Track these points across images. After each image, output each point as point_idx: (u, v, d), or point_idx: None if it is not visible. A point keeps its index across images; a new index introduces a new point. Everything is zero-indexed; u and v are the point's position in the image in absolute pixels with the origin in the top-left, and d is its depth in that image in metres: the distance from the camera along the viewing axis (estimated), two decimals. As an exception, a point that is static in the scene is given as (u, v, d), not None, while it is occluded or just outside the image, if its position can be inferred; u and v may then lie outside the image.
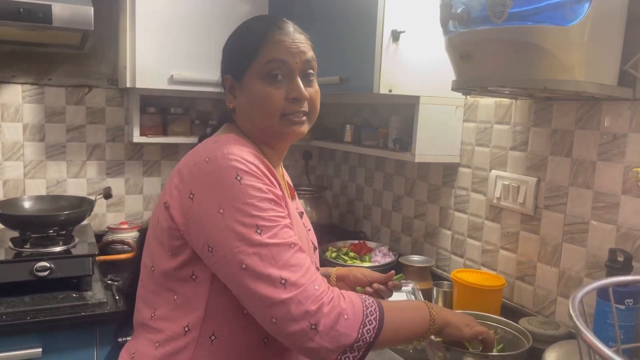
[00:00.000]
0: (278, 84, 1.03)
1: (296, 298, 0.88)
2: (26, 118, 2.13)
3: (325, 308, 0.89)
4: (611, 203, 1.35)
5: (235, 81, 1.06)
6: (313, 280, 0.91)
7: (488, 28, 1.17)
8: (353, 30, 1.75)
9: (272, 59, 1.02)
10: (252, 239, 0.90)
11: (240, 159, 0.94)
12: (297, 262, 0.92)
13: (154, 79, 1.98)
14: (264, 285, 0.89)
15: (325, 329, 0.88)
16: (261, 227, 0.91)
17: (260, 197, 0.93)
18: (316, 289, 0.90)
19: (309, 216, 2.31)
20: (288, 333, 0.89)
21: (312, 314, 0.88)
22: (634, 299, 1.24)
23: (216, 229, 0.92)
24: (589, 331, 0.60)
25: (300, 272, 0.91)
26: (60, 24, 1.63)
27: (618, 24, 1.21)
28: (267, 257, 0.90)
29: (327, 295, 0.91)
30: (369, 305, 0.95)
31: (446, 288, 1.69)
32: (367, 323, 0.92)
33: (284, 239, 0.92)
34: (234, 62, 1.07)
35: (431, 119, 1.74)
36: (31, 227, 1.81)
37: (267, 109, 1.03)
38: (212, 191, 0.93)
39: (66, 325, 1.57)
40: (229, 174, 0.93)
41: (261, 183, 0.94)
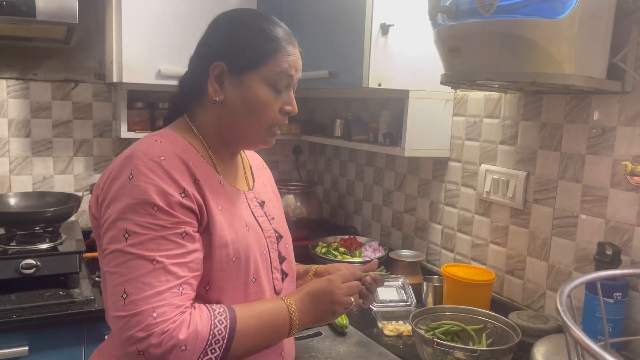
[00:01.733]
0: (279, 95, 1.03)
1: (127, 319, 0.85)
2: (11, 113, 2.10)
3: (154, 339, 0.84)
4: (600, 196, 1.36)
5: (231, 73, 1.01)
6: (155, 307, 0.85)
7: (477, 21, 1.16)
8: (342, 23, 1.73)
9: (283, 71, 1.02)
10: (117, 243, 0.88)
11: (142, 156, 0.92)
12: (150, 281, 0.86)
13: (141, 74, 1.95)
14: (111, 294, 0.88)
15: (154, 357, 0.84)
16: (129, 232, 0.88)
17: (141, 200, 0.88)
18: (153, 316, 0.85)
19: (299, 211, 2.31)
20: (121, 350, 0.88)
21: (140, 341, 0.84)
22: (622, 293, 1.24)
23: (102, 226, 0.93)
24: (575, 326, 0.60)
25: (146, 292, 0.85)
26: (44, 18, 1.61)
27: (607, 17, 1.21)
28: (122, 265, 0.87)
29: (162, 325, 0.85)
30: (216, 333, 0.90)
31: (436, 282, 1.69)
32: (210, 352, 0.88)
33: (148, 251, 0.87)
34: (237, 55, 1.01)
35: (421, 113, 1.73)
36: (17, 224, 1.79)
37: (261, 115, 1.02)
38: (110, 188, 0.93)
39: (53, 323, 1.56)
40: (124, 172, 0.91)
41: (151, 184, 0.89)
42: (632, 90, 1.27)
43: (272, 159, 2.66)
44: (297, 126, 2.43)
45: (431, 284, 1.69)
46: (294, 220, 2.27)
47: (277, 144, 2.64)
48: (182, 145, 0.99)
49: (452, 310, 1.42)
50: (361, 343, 1.45)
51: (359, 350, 1.41)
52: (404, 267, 1.85)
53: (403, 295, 1.66)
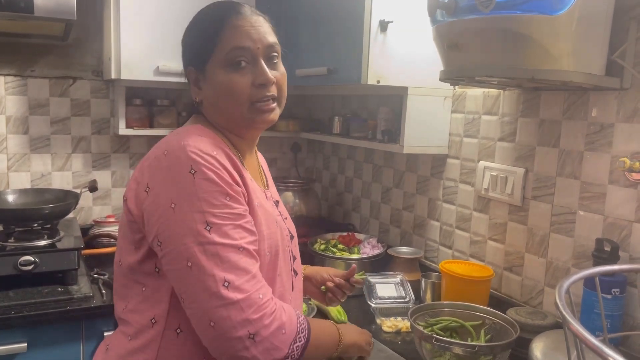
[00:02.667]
0: (242, 71, 0.99)
1: (238, 304, 0.86)
2: (9, 110, 2.09)
3: (267, 319, 0.87)
4: (598, 193, 1.36)
5: (199, 72, 1.03)
6: (258, 288, 0.89)
7: (476, 17, 1.16)
8: (340, 20, 1.73)
9: (233, 47, 0.99)
10: (200, 236, 0.88)
11: (197, 150, 0.91)
12: (244, 266, 0.89)
13: (139, 71, 1.95)
14: (205, 286, 0.86)
15: (262, 339, 0.86)
16: (211, 224, 0.88)
17: (214, 192, 0.90)
18: (260, 297, 0.88)
19: (298, 209, 2.31)
20: (225, 338, 0.86)
21: (253, 323, 0.86)
22: (620, 289, 1.24)
23: (166, 223, 0.90)
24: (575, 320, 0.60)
25: (245, 277, 0.88)
26: (42, 14, 1.60)
27: (605, 13, 1.21)
28: (214, 256, 0.87)
29: (270, 306, 0.89)
30: (302, 322, 0.96)
31: (434, 279, 1.69)
32: (298, 340, 0.92)
33: (233, 240, 0.89)
34: (194, 53, 1.03)
35: (419, 110, 1.73)
36: (15, 220, 1.78)
37: (234, 98, 1.00)
38: (166, 185, 0.91)
39: (52, 320, 1.56)
40: (183, 168, 0.90)
41: (217, 177, 0.91)
42: (630, 86, 1.27)
43: (270, 156, 2.66)
44: (296, 123, 2.43)
45: (430, 280, 1.69)
46: (293, 218, 2.26)
47: (275, 141, 2.65)
48: (218, 141, 0.99)
49: (451, 306, 1.42)
50: (360, 339, 1.45)
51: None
52: (403, 264, 1.85)
53: (401, 292, 1.67)
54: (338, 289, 1.26)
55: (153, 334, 0.98)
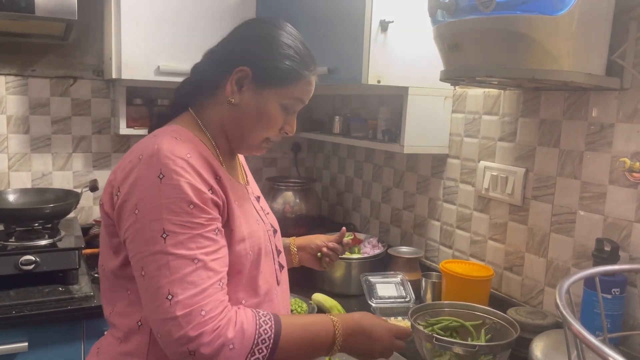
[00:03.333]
0: (287, 115, 1.06)
1: (177, 319, 0.84)
2: (10, 110, 2.09)
3: (206, 337, 0.85)
4: (598, 193, 1.36)
5: (253, 82, 1.01)
6: (203, 304, 0.86)
7: (476, 17, 1.16)
8: (341, 20, 1.73)
9: (299, 99, 1.05)
10: (155, 245, 0.87)
11: (169, 154, 0.90)
12: (194, 279, 0.86)
13: (140, 70, 1.95)
14: (153, 297, 0.86)
15: (204, 357, 0.84)
16: (168, 232, 0.87)
17: (177, 199, 0.88)
18: (202, 314, 0.85)
19: (298, 208, 2.31)
20: (169, 352, 0.87)
21: (191, 340, 0.84)
22: (620, 289, 1.24)
23: (130, 229, 0.90)
24: (575, 320, 0.60)
25: (192, 291, 0.86)
26: (43, 14, 1.61)
27: (606, 13, 1.21)
28: (164, 267, 0.86)
29: (212, 323, 0.86)
30: (262, 333, 0.91)
31: (435, 279, 1.70)
32: (257, 352, 0.89)
33: (188, 250, 0.87)
34: (266, 69, 1.01)
35: (420, 110, 1.73)
36: (16, 220, 1.79)
37: (264, 130, 1.05)
38: (133, 189, 0.90)
39: (52, 319, 1.56)
40: (152, 172, 0.89)
41: (184, 183, 0.89)
42: (630, 86, 1.27)
43: (271, 156, 2.67)
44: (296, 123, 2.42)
45: (430, 280, 1.69)
46: (293, 217, 2.27)
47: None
48: (196, 142, 0.99)
49: (451, 306, 1.42)
50: (360, 339, 1.45)
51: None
52: (403, 264, 1.85)
53: (402, 292, 1.67)
54: (334, 252, 1.37)
55: (141, 336, 0.97)
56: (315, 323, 1.01)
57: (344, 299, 1.71)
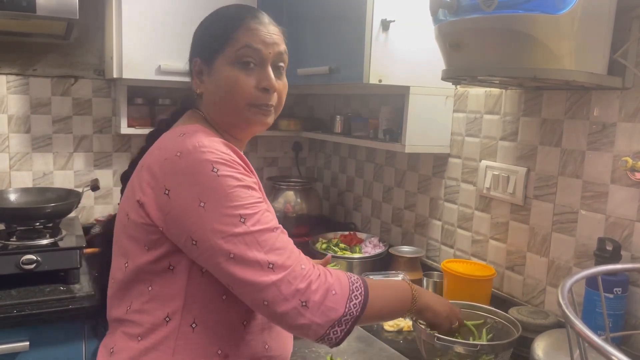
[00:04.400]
0: (249, 72, 1.03)
1: (285, 279, 0.91)
2: (11, 109, 2.09)
3: (314, 285, 0.92)
4: (600, 192, 1.36)
5: (204, 65, 1.05)
6: (299, 261, 0.94)
7: (478, 16, 1.15)
8: (342, 19, 1.73)
9: (245, 45, 1.02)
10: (237, 229, 0.92)
11: (213, 150, 0.94)
12: (282, 245, 0.94)
13: (141, 70, 1.95)
14: (253, 271, 0.91)
15: (314, 304, 0.91)
16: (244, 216, 0.92)
17: (239, 186, 0.94)
18: (303, 268, 0.93)
19: (299, 208, 2.32)
20: (280, 312, 0.91)
21: (302, 292, 0.91)
22: (622, 288, 1.24)
23: (199, 222, 0.92)
24: (578, 319, 0.60)
25: (285, 254, 0.93)
26: (44, 13, 1.61)
27: (607, 12, 1.21)
28: (253, 243, 0.92)
29: (314, 273, 0.94)
30: (354, 281, 0.98)
31: (436, 278, 1.70)
32: (354, 298, 0.95)
33: (266, 224, 0.94)
34: (205, 46, 1.06)
35: (421, 110, 1.73)
36: (17, 219, 1.79)
37: (235, 96, 1.03)
38: (189, 186, 0.92)
39: (54, 319, 1.56)
40: (204, 167, 0.92)
41: (237, 172, 0.95)
42: (632, 86, 1.27)
43: (271, 156, 2.66)
44: (297, 122, 2.43)
45: (431, 279, 1.69)
46: (294, 217, 2.27)
47: (276, 140, 2.65)
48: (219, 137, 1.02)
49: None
50: (361, 338, 1.46)
51: (359, 345, 1.42)
52: (404, 263, 1.85)
53: (403, 291, 1.66)
54: None
55: (167, 331, 0.97)
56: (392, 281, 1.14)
57: (345, 299, 1.71)
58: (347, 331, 0.95)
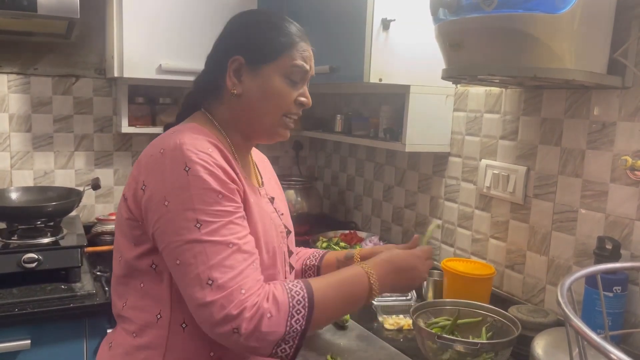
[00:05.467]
0: (294, 87, 1.07)
1: (219, 302, 0.87)
2: (12, 108, 2.10)
3: (247, 313, 0.88)
4: (600, 191, 1.36)
5: (249, 66, 1.04)
6: (242, 284, 0.89)
7: (478, 16, 1.16)
8: (343, 18, 1.73)
9: (298, 65, 1.05)
10: (189, 234, 0.89)
11: (192, 148, 0.93)
12: (231, 263, 0.90)
13: (142, 69, 1.95)
14: (192, 284, 0.89)
15: (247, 332, 0.87)
16: (201, 222, 0.90)
17: (206, 189, 0.91)
18: (242, 292, 0.88)
19: (300, 207, 2.32)
20: (213, 333, 0.90)
21: (233, 318, 0.87)
22: (621, 287, 1.25)
23: (161, 221, 0.92)
24: (577, 318, 0.60)
25: (230, 274, 0.89)
26: (45, 12, 1.61)
27: (607, 11, 1.21)
28: (200, 254, 0.89)
29: (252, 299, 0.89)
30: (295, 295, 0.94)
31: (436, 277, 1.70)
32: (295, 313, 0.92)
33: (222, 237, 0.90)
34: (254, 48, 1.05)
35: (421, 109, 1.73)
36: (18, 218, 1.79)
37: (278, 104, 1.05)
38: (160, 183, 0.93)
39: (55, 317, 1.56)
40: (178, 165, 0.92)
41: (210, 174, 0.92)
42: (632, 85, 1.28)
43: (272, 155, 2.67)
44: (298, 121, 2.42)
45: (431, 278, 1.69)
46: (295, 215, 2.26)
47: (277, 139, 2.65)
48: (214, 139, 1.01)
49: (452, 304, 1.42)
50: (362, 337, 1.46)
51: (360, 344, 1.42)
52: (404, 262, 1.85)
53: (403, 290, 1.67)
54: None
55: (159, 329, 0.99)
56: (348, 275, 1.04)
57: (346, 297, 1.71)
58: (296, 346, 0.93)
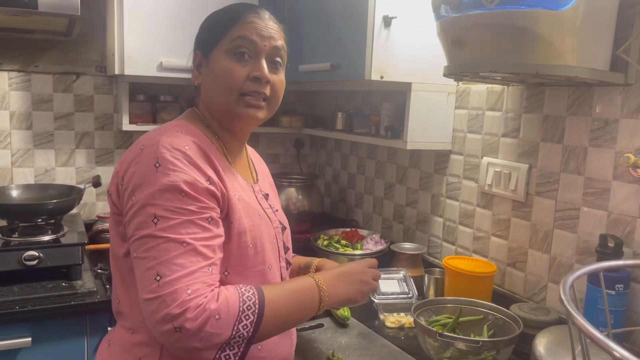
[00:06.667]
0: (243, 62, 1.03)
1: (162, 299, 0.86)
2: (13, 106, 2.10)
3: (190, 313, 0.86)
4: (602, 189, 1.36)
5: (203, 56, 1.07)
6: (189, 284, 0.88)
7: (480, 12, 1.15)
8: (344, 16, 1.73)
9: (241, 36, 1.03)
10: (147, 229, 0.90)
11: (167, 145, 0.94)
12: (182, 262, 0.88)
13: (143, 66, 1.95)
14: (141, 278, 0.89)
15: (189, 331, 0.85)
16: (159, 218, 0.90)
17: (170, 186, 0.91)
18: (188, 293, 0.87)
19: (301, 205, 2.31)
20: (155, 332, 0.88)
21: (174, 318, 0.85)
22: (624, 284, 1.24)
23: (128, 214, 0.94)
24: (580, 315, 0.60)
25: (179, 272, 0.88)
26: (46, 9, 1.61)
27: (610, 8, 1.20)
28: (153, 249, 0.89)
29: (196, 300, 0.87)
30: (246, 300, 0.92)
31: (438, 275, 1.70)
32: (244, 318, 0.90)
33: (178, 235, 0.89)
34: (205, 38, 1.08)
35: (423, 106, 1.73)
36: (19, 216, 1.79)
37: (227, 84, 1.03)
38: (133, 178, 0.94)
39: (56, 315, 1.56)
40: (150, 161, 0.93)
41: (178, 172, 0.92)
42: (635, 82, 1.27)
43: (273, 152, 2.66)
44: (299, 119, 2.42)
45: (433, 276, 1.69)
46: (296, 213, 2.27)
47: (278, 137, 2.65)
48: (199, 136, 1.02)
49: (454, 302, 1.42)
50: (363, 335, 1.46)
51: (361, 341, 1.42)
52: (406, 260, 1.85)
53: (404, 288, 1.67)
54: None
55: None
56: (299, 287, 1.02)
57: (347, 295, 1.71)
58: (240, 354, 0.90)
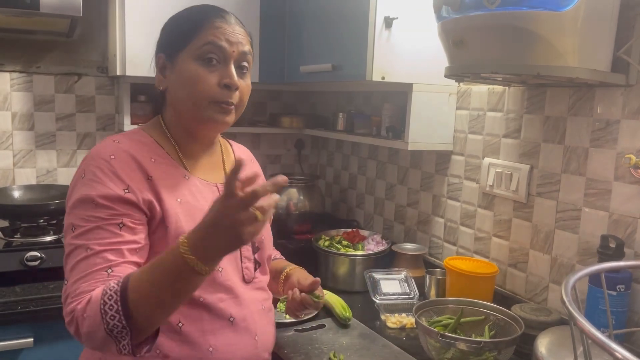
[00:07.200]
0: (212, 68, 1.03)
1: (65, 301, 0.93)
2: (15, 106, 2.10)
3: (67, 318, 0.92)
4: (603, 190, 1.36)
5: (168, 60, 1.06)
6: (77, 288, 0.91)
7: (481, 13, 1.15)
8: (345, 16, 1.73)
9: (210, 42, 1.03)
10: (66, 236, 0.98)
11: (95, 156, 0.99)
12: (82, 267, 0.93)
13: (144, 67, 1.92)
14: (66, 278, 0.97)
15: (77, 335, 0.91)
16: (75, 226, 0.96)
17: (85, 196, 0.96)
18: (72, 297, 0.92)
19: (302, 205, 2.31)
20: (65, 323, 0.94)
21: (68, 323, 0.92)
22: (625, 285, 1.24)
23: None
24: (581, 316, 0.60)
25: (75, 277, 0.93)
26: (48, 10, 1.61)
27: (611, 9, 1.21)
28: (68, 256, 0.96)
29: (71, 306, 0.91)
30: (107, 291, 0.88)
31: (439, 276, 1.70)
32: (108, 310, 0.86)
33: (84, 241, 0.94)
34: (170, 41, 1.07)
35: (424, 107, 1.73)
36: (21, 216, 1.79)
37: (197, 91, 1.02)
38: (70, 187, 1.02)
39: (58, 315, 1.53)
40: (79, 172, 1.00)
41: (94, 182, 0.96)
42: (636, 83, 1.27)
43: (274, 153, 2.67)
44: (300, 120, 2.43)
45: (434, 277, 1.69)
46: (296, 214, 2.27)
47: (279, 138, 2.65)
48: (143, 143, 1.04)
49: (455, 302, 1.42)
50: (364, 335, 1.46)
51: (362, 342, 1.42)
52: (407, 261, 1.85)
53: (406, 288, 1.67)
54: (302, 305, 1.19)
55: None
56: (160, 256, 0.89)
57: (348, 296, 1.71)
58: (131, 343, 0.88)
